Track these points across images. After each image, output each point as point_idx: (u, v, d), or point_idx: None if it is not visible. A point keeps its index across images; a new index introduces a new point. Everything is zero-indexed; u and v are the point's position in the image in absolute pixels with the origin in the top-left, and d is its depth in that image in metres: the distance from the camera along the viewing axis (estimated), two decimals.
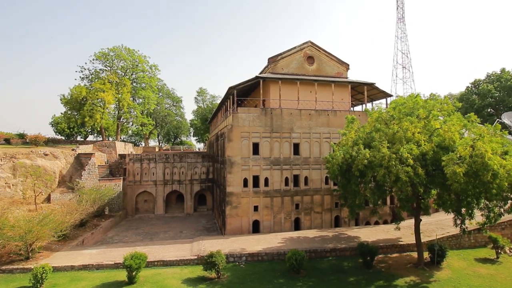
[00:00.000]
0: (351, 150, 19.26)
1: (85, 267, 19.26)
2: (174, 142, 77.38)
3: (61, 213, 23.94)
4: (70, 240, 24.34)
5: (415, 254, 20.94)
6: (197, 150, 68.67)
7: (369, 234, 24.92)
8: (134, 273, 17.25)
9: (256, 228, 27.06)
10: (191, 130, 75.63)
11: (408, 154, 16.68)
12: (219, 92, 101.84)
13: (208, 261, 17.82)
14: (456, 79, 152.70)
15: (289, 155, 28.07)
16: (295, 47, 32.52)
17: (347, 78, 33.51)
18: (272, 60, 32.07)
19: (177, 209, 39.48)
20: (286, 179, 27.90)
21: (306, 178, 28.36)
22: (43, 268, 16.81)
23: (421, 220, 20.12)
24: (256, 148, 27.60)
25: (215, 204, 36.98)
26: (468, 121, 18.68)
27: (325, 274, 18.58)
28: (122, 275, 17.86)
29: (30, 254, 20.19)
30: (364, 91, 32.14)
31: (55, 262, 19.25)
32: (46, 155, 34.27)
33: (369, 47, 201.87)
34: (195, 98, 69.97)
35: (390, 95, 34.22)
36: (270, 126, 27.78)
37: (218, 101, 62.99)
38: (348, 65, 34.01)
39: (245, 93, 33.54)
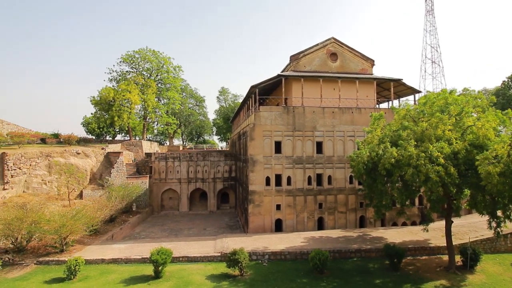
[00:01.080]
0: (377, 148, 18.70)
1: (114, 261, 20.10)
2: (197, 141, 78.84)
3: (92, 209, 25.11)
4: (100, 234, 25.49)
5: (445, 257, 20.02)
6: (220, 149, 69.53)
7: (396, 235, 24.12)
8: (160, 268, 17.79)
9: (278, 226, 27.00)
10: (214, 129, 76.69)
11: (439, 153, 15.94)
12: (241, 91, 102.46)
13: (231, 259, 18.02)
14: (491, 74, 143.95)
15: (312, 153, 27.74)
16: (317, 44, 32.05)
17: (372, 74, 32.56)
18: (294, 58, 31.79)
19: (201, 207, 40.23)
20: (309, 178, 27.60)
21: (329, 177, 27.91)
22: (76, 260, 17.77)
23: (452, 222, 19.19)
24: (278, 147, 27.51)
25: (238, 202, 37.30)
26: (506, 118, 17.55)
27: (349, 275, 18.21)
28: (149, 270, 18.47)
29: (64, 247, 21.35)
30: (390, 88, 31.08)
31: (87, 255, 20.23)
32: (78, 153, 36.09)
33: (396, 42, 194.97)
34: (217, 97, 70.91)
35: (419, 91, 32.85)
36: (292, 124, 27.58)
37: (240, 100, 63.40)
38: (373, 61, 33.03)
39: (267, 92, 33.51)
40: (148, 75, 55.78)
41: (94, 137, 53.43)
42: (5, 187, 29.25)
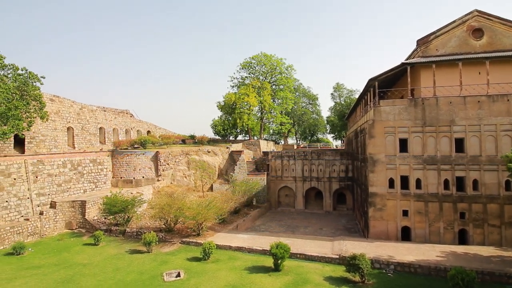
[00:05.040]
0: None
1: (239, 249, 22.14)
2: (310, 140, 78.79)
3: (221, 200, 28.50)
4: (227, 224, 28.58)
5: None
6: (335, 147, 67.36)
7: None
8: (279, 261, 18.49)
9: (405, 235, 23.92)
10: (328, 127, 74.99)
11: None
12: (357, 86, 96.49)
13: (351, 263, 17.05)
14: None
15: (449, 152, 23.35)
16: (454, 21, 26.86)
17: None
18: (423, 42, 27.57)
19: (316, 206, 39.92)
20: (446, 181, 23.31)
21: (475, 182, 22.84)
22: (209, 244, 20.47)
23: None
24: (404, 145, 24.40)
25: (356, 204, 35.18)
26: None
27: None
28: (268, 261, 19.45)
29: (200, 232, 24.92)
30: None
31: (217, 241, 22.94)
32: (209, 152, 41.67)
33: None
34: (331, 94, 68.87)
35: None
36: (421, 119, 23.95)
37: (356, 96, 59.73)
38: None
39: (387, 84, 30.28)
40: (263, 78, 59.46)
41: (220, 138, 60.72)
42: (158, 178, 36.58)
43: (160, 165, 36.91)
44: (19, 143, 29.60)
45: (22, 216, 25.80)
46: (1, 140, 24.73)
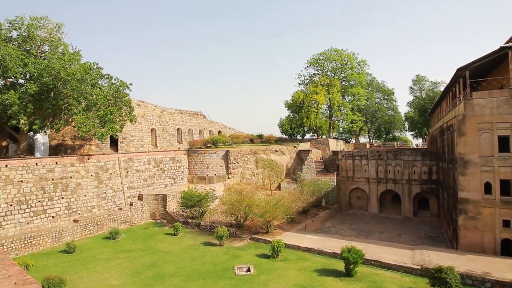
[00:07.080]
0: None
1: (308, 250, 21.69)
2: (385, 138, 72.85)
3: (289, 200, 28.37)
4: (295, 223, 28.28)
5: None
6: (415, 146, 61.00)
7: None
8: (351, 267, 17.50)
9: (506, 249, 20.22)
10: (406, 124, 68.36)
11: None
12: (441, 78, 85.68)
13: (436, 276, 15.19)
14: None
15: None
16: None
17: None
18: None
19: (393, 210, 36.69)
20: None
21: None
22: (278, 242, 20.53)
23: None
24: (504, 144, 20.65)
25: (442, 211, 31.20)
26: None
27: None
28: (339, 265, 18.60)
29: (268, 229, 25.21)
30: None
31: (286, 240, 22.79)
32: (276, 151, 41.91)
33: None
34: (410, 87, 62.56)
35: None
36: None
37: (441, 88, 53.06)
38: None
39: (480, 74, 26.04)
40: (332, 75, 57.24)
41: (287, 137, 60.61)
42: (229, 176, 38.26)
43: (230, 163, 38.58)
44: (113, 143, 34.30)
45: (116, 206, 29.86)
46: (100, 140, 28.97)
